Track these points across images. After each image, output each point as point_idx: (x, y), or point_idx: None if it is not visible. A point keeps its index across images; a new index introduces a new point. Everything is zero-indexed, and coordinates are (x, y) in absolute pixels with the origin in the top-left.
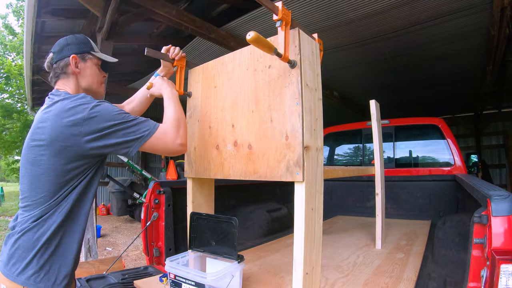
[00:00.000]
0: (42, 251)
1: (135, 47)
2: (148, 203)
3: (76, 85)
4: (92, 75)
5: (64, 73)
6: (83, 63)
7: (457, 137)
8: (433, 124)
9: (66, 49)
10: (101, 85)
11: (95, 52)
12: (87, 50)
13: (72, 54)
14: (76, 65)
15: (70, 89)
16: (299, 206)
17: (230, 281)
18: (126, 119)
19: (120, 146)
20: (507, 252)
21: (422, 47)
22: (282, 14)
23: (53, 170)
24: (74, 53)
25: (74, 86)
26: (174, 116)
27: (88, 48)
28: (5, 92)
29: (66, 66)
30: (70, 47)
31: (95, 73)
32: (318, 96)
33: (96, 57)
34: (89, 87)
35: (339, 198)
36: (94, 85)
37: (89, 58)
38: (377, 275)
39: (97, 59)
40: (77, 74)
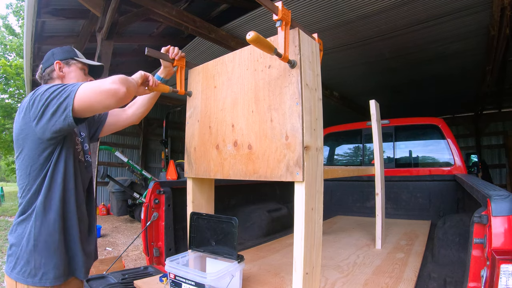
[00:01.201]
0: (25, 245)
1: (135, 47)
2: (148, 203)
3: None
4: (77, 78)
5: (50, 78)
6: (67, 67)
7: (457, 137)
8: (433, 124)
9: (51, 58)
10: None
11: (79, 58)
12: (70, 56)
13: (56, 60)
14: (60, 69)
15: None
16: (299, 206)
17: (230, 281)
18: (57, 88)
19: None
20: (507, 252)
21: (422, 47)
22: (282, 14)
23: (25, 164)
24: (58, 59)
25: None
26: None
27: (72, 54)
28: (5, 93)
29: (52, 72)
30: (54, 56)
31: (79, 77)
32: (318, 96)
33: (80, 62)
34: None
35: (339, 198)
36: None
37: (73, 63)
38: (377, 275)
39: (81, 64)
40: (62, 77)
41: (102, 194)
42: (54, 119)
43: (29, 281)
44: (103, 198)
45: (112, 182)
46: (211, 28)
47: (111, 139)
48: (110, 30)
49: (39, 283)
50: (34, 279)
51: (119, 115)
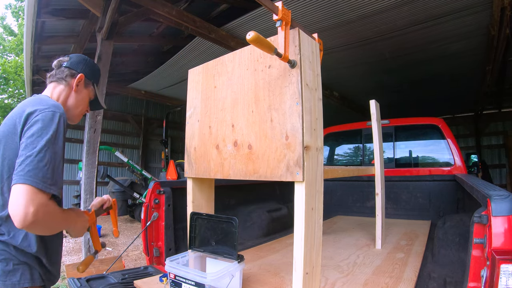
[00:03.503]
0: (3, 248)
1: (135, 47)
2: (148, 203)
3: (64, 97)
4: (82, 101)
5: (64, 80)
6: (83, 86)
7: (457, 137)
8: (433, 124)
9: (81, 65)
10: (80, 115)
11: (96, 87)
12: (94, 80)
13: (82, 72)
14: (78, 83)
15: (58, 96)
16: (299, 206)
17: (230, 281)
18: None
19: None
20: (507, 252)
21: (422, 47)
22: (282, 14)
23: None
24: (85, 74)
25: (63, 97)
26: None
27: (96, 79)
28: (5, 93)
29: (71, 77)
30: (85, 67)
31: (84, 101)
32: (318, 96)
33: (94, 91)
34: (71, 107)
35: (339, 198)
36: (77, 110)
37: (90, 87)
38: (377, 275)
39: (93, 93)
40: (72, 90)
41: (102, 194)
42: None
43: (7, 284)
44: None
45: (112, 182)
46: (211, 28)
47: (111, 139)
48: (110, 30)
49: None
50: (13, 281)
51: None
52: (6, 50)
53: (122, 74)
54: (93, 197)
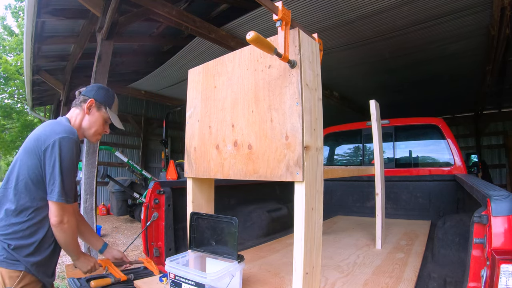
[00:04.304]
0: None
1: (135, 47)
2: (148, 203)
3: (79, 120)
4: (95, 122)
5: (79, 105)
6: (95, 109)
7: (457, 137)
8: (433, 124)
9: (94, 92)
10: (96, 135)
11: (110, 110)
12: (106, 104)
13: (93, 98)
14: (89, 106)
15: (74, 119)
16: (299, 206)
17: (230, 281)
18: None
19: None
20: (507, 252)
21: (422, 47)
22: (282, 14)
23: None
24: (96, 99)
25: (79, 121)
26: (64, 241)
27: (108, 103)
28: (5, 92)
29: (84, 102)
30: (97, 93)
31: (98, 123)
32: (318, 96)
33: (107, 113)
34: (86, 128)
35: (339, 198)
36: (91, 130)
37: (102, 110)
38: (377, 275)
39: (107, 116)
40: (86, 113)
41: (102, 194)
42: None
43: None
44: (103, 198)
45: (112, 182)
46: (211, 28)
47: (111, 139)
48: (110, 30)
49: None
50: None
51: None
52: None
53: (122, 74)
54: (93, 197)
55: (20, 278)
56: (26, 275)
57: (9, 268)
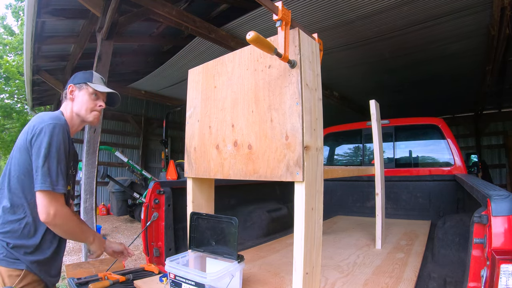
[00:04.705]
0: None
1: (135, 47)
2: (148, 203)
3: (70, 109)
4: (82, 102)
5: (66, 98)
6: (78, 91)
7: (457, 137)
8: (433, 124)
9: (70, 81)
10: (90, 112)
11: (91, 83)
12: (84, 81)
13: (71, 83)
14: (71, 92)
15: (65, 111)
16: (299, 206)
17: (230, 281)
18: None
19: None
20: (507, 252)
21: (422, 47)
22: (282, 14)
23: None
24: (73, 83)
25: (69, 109)
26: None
27: (87, 80)
28: (5, 92)
29: (66, 94)
30: (74, 78)
31: (85, 100)
32: (318, 96)
33: (90, 87)
34: (78, 112)
35: (339, 198)
36: (82, 111)
37: (84, 88)
38: (377, 275)
39: (92, 90)
40: (72, 100)
41: (102, 194)
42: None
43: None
44: (103, 198)
45: (112, 182)
46: (211, 28)
47: (111, 139)
48: (110, 30)
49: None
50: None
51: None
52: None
53: (122, 74)
54: (93, 197)
55: (21, 277)
56: (27, 274)
57: (9, 267)
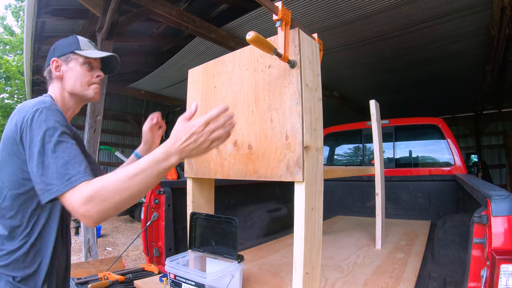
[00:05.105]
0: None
1: (135, 47)
2: (148, 203)
3: (61, 89)
4: (75, 77)
5: (50, 78)
6: (65, 65)
7: (457, 137)
8: (433, 124)
9: (51, 55)
10: (88, 87)
11: (80, 50)
12: (70, 50)
13: (53, 58)
14: (57, 68)
15: (54, 94)
16: (299, 206)
17: (230, 281)
18: (50, 147)
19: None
20: (507, 252)
21: (422, 47)
22: (282, 14)
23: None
24: (56, 56)
25: (59, 91)
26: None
27: (73, 48)
28: (5, 92)
29: (51, 72)
30: (54, 52)
31: (78, 74)
32: (318, 96)
33: (81, 56)
34: (72, 90)
35: (339, 198)
36: (78, 87)
37: (73, 58)
38: (377, 275)
39: (83, 58)
40: (60, 78)
41: None
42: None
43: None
44: None
45: None
46: (211, 28)
47: (111, 139)
48: (110, 30)
49: None
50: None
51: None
52: (6, 50)
53: (122, 74)
54: None
55: None
56: None
57: None
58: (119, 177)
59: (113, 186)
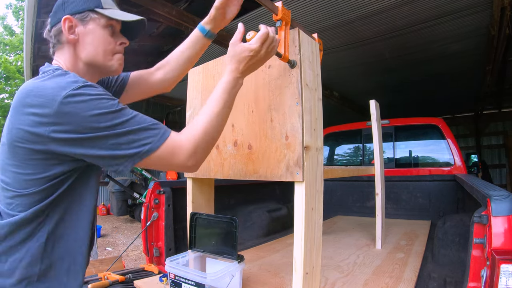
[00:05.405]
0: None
1: (135, 47)
2: (148, 203)
3: (73, 57)
4: (96, 43)
5: (58, 42)
6: (82, 26)
7: (457, 137)
8: (433, 124)
9: (61, 10)
10: (112, 57)
11: (102, 9)
12: (89, 7)
13: (66, 15)
14: (70, 29)
15: (65, 64)
16: (299, 206)
17: (230, 281)
18: (119, 120)
19: (104, 160)
20: (507, 252)
21: (422, 47)
22: (282, 14)
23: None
24: (70, 13)
25: (71, 59)
26: (209, 125)
27: (92, 4)
28: (5, 92)
29: (60, 33)
30: (65, 6)
31: (100, 39)
32: (318, 96)
33: (104, 16)
34: (91, 60)
35: (339, 198)
36: (99, 56)
37: (93, 18)
38: (377, 275)
39: (107, 19)
40: (73, 42)
41: (102, 194)
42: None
43: None
44: (103, 198)
45: (112, 182)
46: None
47: None
48: None
49: None
50: None
51: (146, 79)
52: (6, 50)
53: None
54: None
55: None
56: None
57: None
58: (209, 118)
59: (210, 128)
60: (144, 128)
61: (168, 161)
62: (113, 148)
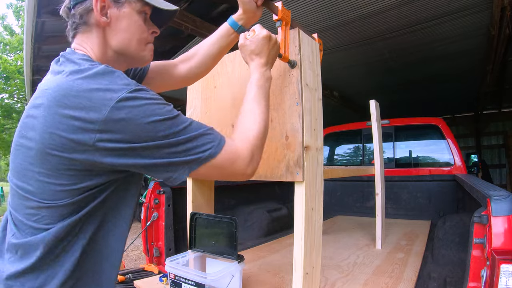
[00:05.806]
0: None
1: None
2: (148, 203)
3: (103, 44)
4: (132, 29)
5: (84, 23)
6: (115, 8)
7: (457, 137)
8: (433, 124)
9: None
10: (145, 46)
11: None
12: None
13: None
14: (102, 10)
15: (92, 51)
16: (299, 206)
17: (230, 281)
18: (177, 128)
19: (158, 169)
20: (507, 252)
21: (422, 47)
22: (282, 14)
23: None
24: None
25: (99, 46)
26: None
27: None
28: (5, 92)
29: (88, 13)
30: None
31: (136, 26)
32: (318, 96)
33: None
34: (123, 49)
35: (339, 198)
36: (133, 45)
37: (128, 0)
38: (377, 275)
39: (142, 4)
40: (104, 26)
41: None
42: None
43: None
44: None
45: None
46: (211, 28)
47: None
48: None
49: None
50: None
51: (169, 71)
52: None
53: None
54: None
55: None
56: None
57: None
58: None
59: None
60: (201, 134)
61: (226, 169)
62: (169, 156)
